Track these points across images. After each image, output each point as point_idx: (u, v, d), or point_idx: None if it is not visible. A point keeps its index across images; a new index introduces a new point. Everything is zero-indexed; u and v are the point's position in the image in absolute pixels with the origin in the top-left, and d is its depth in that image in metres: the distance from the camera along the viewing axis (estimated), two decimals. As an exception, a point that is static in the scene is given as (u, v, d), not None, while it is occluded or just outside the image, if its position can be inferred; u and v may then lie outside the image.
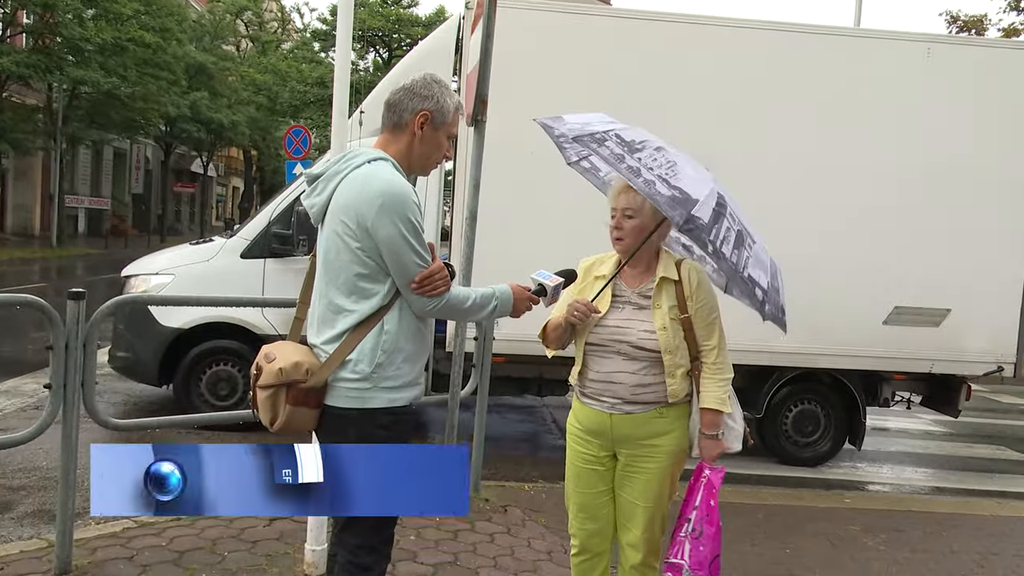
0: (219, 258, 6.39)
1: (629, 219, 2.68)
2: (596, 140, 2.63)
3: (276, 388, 2.24)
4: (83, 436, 3.55)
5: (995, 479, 6.62)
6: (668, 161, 2.54)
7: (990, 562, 4.45)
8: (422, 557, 3.84)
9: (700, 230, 2.45)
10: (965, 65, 6.00)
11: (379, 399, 2.26)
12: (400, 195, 2.20)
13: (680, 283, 2.68)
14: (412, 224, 2.20)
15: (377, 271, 2.23)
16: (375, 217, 2.18)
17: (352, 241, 2.22)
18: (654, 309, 2.67)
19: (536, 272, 2.55)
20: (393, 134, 2.37)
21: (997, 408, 9.73)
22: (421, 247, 2.23)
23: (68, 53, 22.96)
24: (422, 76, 2.38)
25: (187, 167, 41.64)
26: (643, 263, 2.73)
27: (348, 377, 2.25)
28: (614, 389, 2.67)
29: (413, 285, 2.23)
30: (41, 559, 3.54)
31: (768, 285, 2.65)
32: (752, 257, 2.61)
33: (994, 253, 6.07)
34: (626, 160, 2.54)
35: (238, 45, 42.09)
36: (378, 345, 2.24)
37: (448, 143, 2.43)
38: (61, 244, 25.48)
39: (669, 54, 5.80)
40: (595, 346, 2.70)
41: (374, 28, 28.36)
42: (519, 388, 6.51)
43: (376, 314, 2.25)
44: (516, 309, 2.48)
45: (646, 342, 2.63)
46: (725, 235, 2.51)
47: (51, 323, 3.28)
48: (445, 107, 2.35)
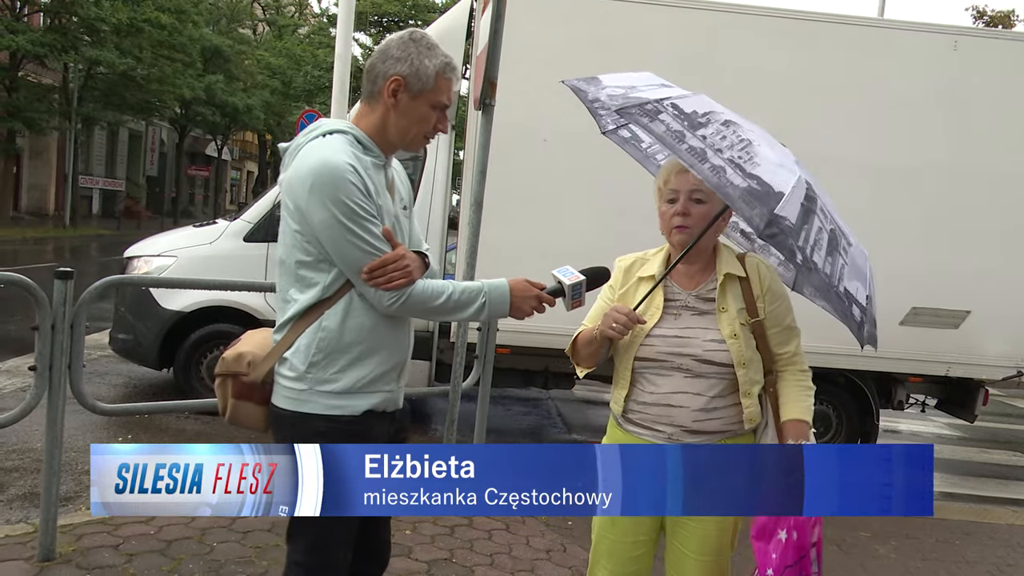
0: (222, 241, 6.29)
1: (698, 204, 2.16)
2: (647, 113, 2.06)
3: (223, 377, 2.10)
4: (74, 419, 3.46)
5: (1011, 486, 6.45)
6: (741, 139, 1.99)
7: (1006, 574, 4.29)
8: (417, 553, 3.73)
9: (786, 235, 1.84)
10: (992, 59, 5.80)
11: (314, 404, 1.99)
12: (331, 174, 1.89)
13: (747, 280, 2.21)
14: (348, 206, 1.89)
15: (319, 259, 1.97)
16: (307, 199, 1.91)
17: (292, 222, 1.97)
18: (720, 313, 2.18)
19: (558, 269, 2.13)
20: (368, 104, 2.06)
21: (1012, 413, 9.52)
22: (366, 232, 1.92)
23: (84, 33, 22.97)
24: (399, 35, 2.05)
25: (202, 150, 41.70)
26: (701, 259, 2.24)
27: (285, 375, 2.03)
28: (673, 415, 2.17)
29: (363, 276, 1.94)
30: (25, 544, 3.45)
31: (867, 300, 2.11)
32: (848, 265, 2.04)
33: (1017, 254, 5.88)
34: (687, 139, 1.99)
35: (255, 28, 42.05)
36: (313, 342, 1.98)
37: (436, 113, 2.05)
38: (75, 225, 25.59)
39: (683, 39, 5.63)
40: (648, 362, 2.20)
41: (390, 13, 28.15)
42: (524, 380, 6.37)
43: (315, 307, 1.99)
44: (516, 308, 2.07)
45: (714, 354, 2.14)
46: (816, 238, 1.95)
47: (37, 303, 3.19)
48: (423, 71, 1.99)
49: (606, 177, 5.56)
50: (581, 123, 5.42)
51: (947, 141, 5.75)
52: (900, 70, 5.73)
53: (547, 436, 6.74)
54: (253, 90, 33.98)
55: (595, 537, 2.34)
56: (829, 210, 2.05)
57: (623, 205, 5.57)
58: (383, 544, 2.32)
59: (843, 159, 5.65)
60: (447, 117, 2.11)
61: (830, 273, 1.98)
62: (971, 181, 5.77)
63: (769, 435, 2.22)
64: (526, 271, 2.21)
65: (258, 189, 41.06)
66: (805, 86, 5.67)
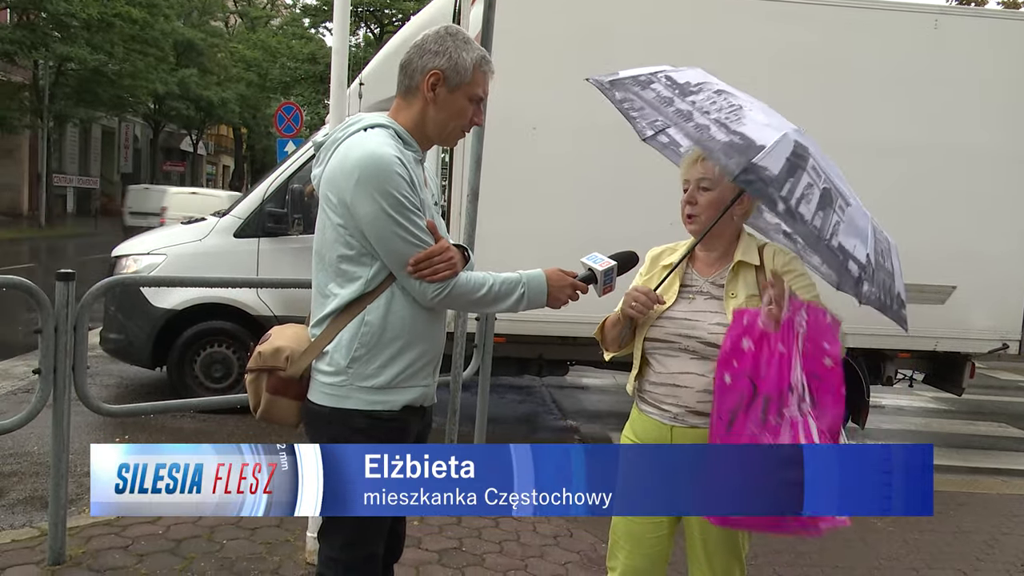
0: (212, 237, 6.24)
1: (705, 191, 2.23)
2: (639, 83, 2.13)
3: (257, 373, 2.09)
4: (74, 420, 3.44)
5: (999, 456, 6.58)
6: (731, 105, 2.07)
7: (1000, 543, 4.40)
8: (426, 543, 3.76)
9: (765, 183, 1.94)
10: (974, 38, 5.87)
11: (355, 400, 2.00)
12: (380, 167, 1.90)
13: (761, 268, 2.24)
14: (396, 199, 1.90)
15: (361, 253, 1.97)
16: (353, 192, 1.91)
17: (335, 216, 1.97)
18: (727, 299, 2.22)
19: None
20: (405, 99, 2.07)
21: (996, 384, 9.70)
22: (413, 225, 1.93)
23: (53, 29, 22.60)
24: (435, 30, 2.06)
25: (176, 145, 41.25)
26: (720, 247, 2.29)
27: (324, 370, 2.02)
28: (679, 394, 2.23)
29: (409, 268, 1.95)
30: (34, 549, 3.44)
31: (870, 260, 2.12)
32: (844, 223, 2.08)
33: (1000, 230, 5.98)
34: (675, 103, 2.06)
35: (227, 21, 41.51)
36: (356, 337, 1.99)
37: (472, 106, 2.07)
38: (50, 224, 25.22)
39: (666, 22, 5.66)
40: (657, 342, 2.27)
41: (365, 3, 27.90)
42: (519, 368, 6.40)
43: (358, 301, 1.99)
44: (553, 298, 2.09)
45: (718, 337, 2.16)
46: (804, 192, 2.00)
47: (39, 306, 3.16)
48: (461, 64, 2.00)
49: (595, 164, 5.61)
50: (569, 111, 5.51)
51: (929, 119, 5.83)
52: (882, 49, 5.79)
53: (542, 423, 6.79)
54: (228, 83, 33.60)
55: (614, 521, 2.38)
56: (825, 170, 2.11)
57: (614, 191, 5.61)
58: (398, 538, 2.35)
59: (826, 138, 5.65)
60: (482, 110, 2.11)
61: (819, 227, 2.03)
62: (952, 159, 5.84)
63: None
64: (518, 259, 2.23)
65: (235, 183, 40.67)
66: (787, 66, 5.70)
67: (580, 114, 5.39)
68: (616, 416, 6.92)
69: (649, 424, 2.29)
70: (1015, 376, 10.28)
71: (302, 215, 5.97)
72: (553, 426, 6.64)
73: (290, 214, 6.03)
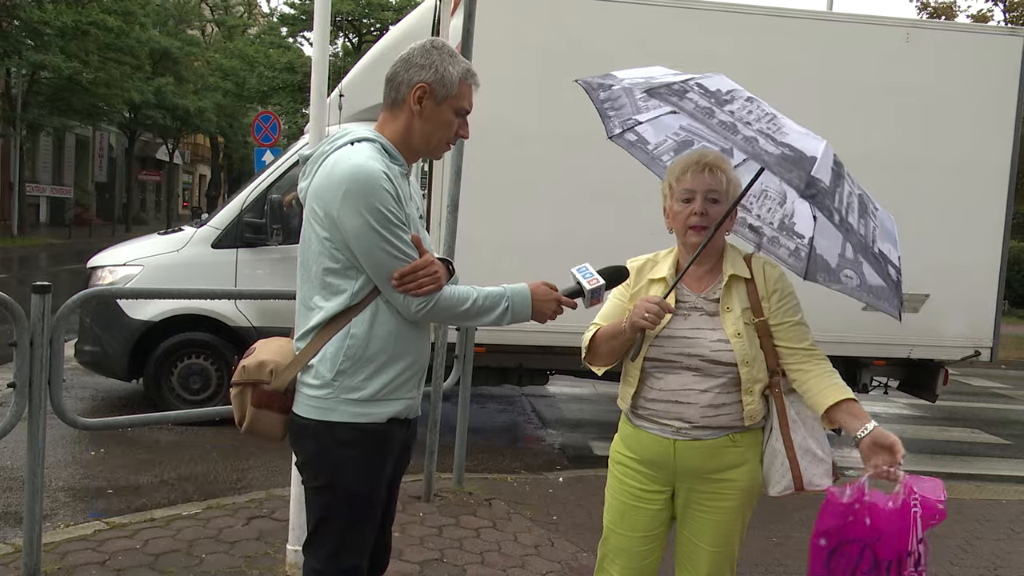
0: (189, 248, 6.20)
1: (715, 204, 2.19)
2: (675, 93, 2.06)
3: (242, 387, 2.09)
4: (49, 433, 3.39)
5: (972, 462, 6.68)
6: (766, 113, 2.03)
7: (974, 547, 4.46)
8: (408, 555, 3.74)
9: (823, 195, 1.89)
10: (945, 51, 5.99)
11: (340, 412, 2.00)
12: (367, 181, 1.91)
13: (752, 281, 2.24)
14: (383, 213, 1.92)
15: (347, 266, 1.98)
16: (340, 206, 1.92)
17: (320, 230, 1.97)
18: (724, 313, 2.22)
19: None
20: (391, 112, 2.08)
21: (968, 391, 9.84)
22: (398, 239, 1.95)
23: (27, 37, 22.29)
24: (421, 43, 2.07)
25: (152, 155, 40.82)
26: (709, 261, 2.27)
27: (309, 383, 2.02)
28: (681, 411, 2.21)
29: (393, 282, 1.95)
30: (8, 566, 3.38)
31: (899, 260, 2.12)
32: (879, 227, 2.07)
33: (971, 239, 6.09)
34: (716, 115, 1.99)
35: (203, 29, 41.26)
36: (341, 350, 1.99)
37: (458, 119, 2.09)
38: (23, 234, 24.85)
39: (646, 34, 5.71)
40: (658, 362, 2.24)
41: (344, 13, 27.85)
42: (499, 378, 6.40)
43: (343, 314, 1.99)
44: (538, 313, 2.09)
45: (721, 354, 2.17)
46: (849, 201, 1.98)
47: (15, 319, 3.11)
48: (447, 77, 2.02)
49: (576, 173, 5.64)
50: (551, 120, 5.55)
51: (901, 131, 5.93)
52: (854, 63, 5.88)
53: (523, 432, 6.79)
54: (204, 92, 33.35)
55: (604, 533, 2.38)
56: (854, 177, 2.12)
57: (593, 198, 5.65)
58: (383, 549, 2.34)
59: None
60: (467, 123, 2.13)
61: (865, 234, 2.02)
62: (924, 169, 5.94)
63: (774, 436, 2.24)
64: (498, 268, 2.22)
65: (212, 192, 40.37)
66: (757, 79, 5.74)
67: (559, 123, 5.44)
68: (596, 425, 6.95)
69: (648, 439, 2.27)
70: (988, 383, 10.45)
71: (281, 225, 5.94)
72: (533, 436, 6.64)
73: (269, 224, 5.99)
